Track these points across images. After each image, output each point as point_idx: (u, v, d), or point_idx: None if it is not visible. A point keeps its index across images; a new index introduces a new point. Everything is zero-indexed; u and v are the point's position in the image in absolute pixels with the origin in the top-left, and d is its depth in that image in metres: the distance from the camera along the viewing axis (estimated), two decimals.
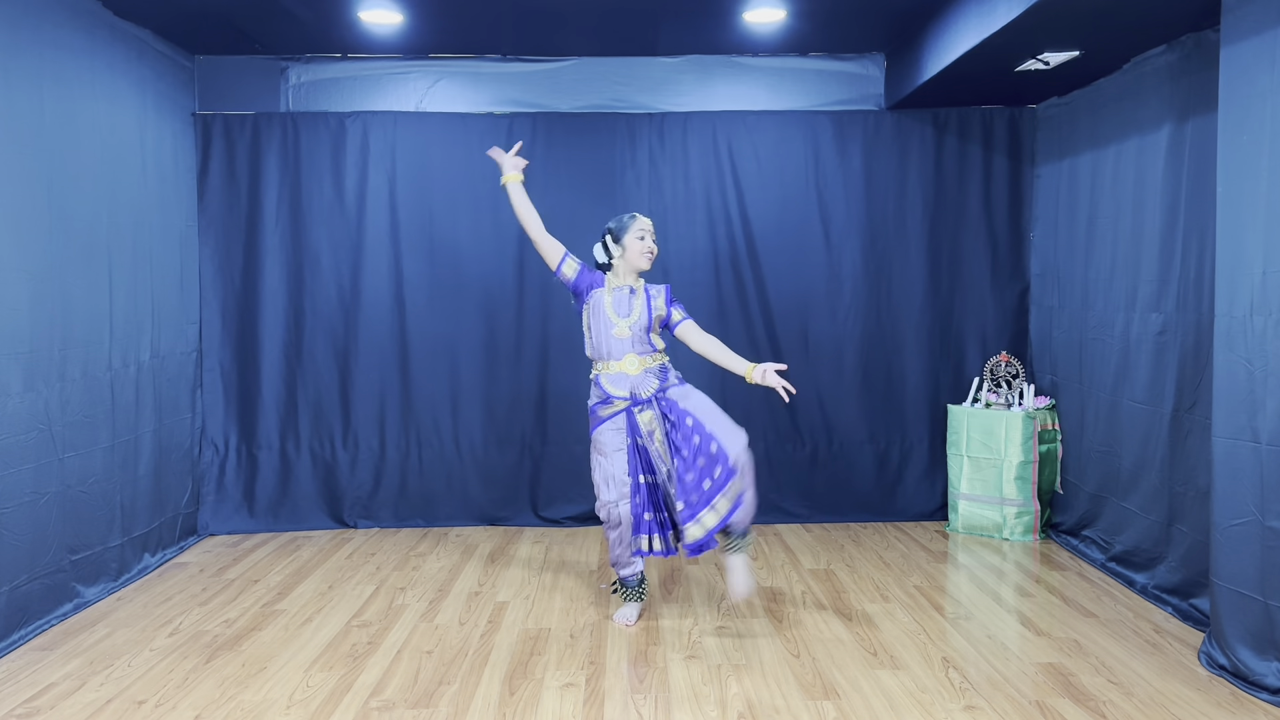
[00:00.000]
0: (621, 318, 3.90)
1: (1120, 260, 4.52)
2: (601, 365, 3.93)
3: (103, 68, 4.36)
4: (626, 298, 3.92)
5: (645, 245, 3.95)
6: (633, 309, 3.91)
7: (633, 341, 3.89)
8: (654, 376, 3.91)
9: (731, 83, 5.47)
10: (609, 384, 3.90)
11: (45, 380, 3.90)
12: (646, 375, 3.90)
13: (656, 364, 3.93)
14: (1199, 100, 3.89)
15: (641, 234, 3.95)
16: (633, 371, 3.88)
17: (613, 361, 3.90)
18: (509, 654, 3.58)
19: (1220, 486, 3.30)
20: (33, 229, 3.84)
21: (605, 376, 3.92)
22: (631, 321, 3.89)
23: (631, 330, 3.88)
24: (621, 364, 3.89)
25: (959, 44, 4.29)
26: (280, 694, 3.23)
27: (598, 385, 3.94)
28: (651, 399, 3.88)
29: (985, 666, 3.44)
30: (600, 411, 3.92)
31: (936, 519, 5.54)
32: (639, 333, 3.89)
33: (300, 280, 5.41)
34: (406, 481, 5.49)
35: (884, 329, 5.53)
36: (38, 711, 3.11)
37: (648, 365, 3.90)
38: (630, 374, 3.88)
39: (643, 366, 3.89)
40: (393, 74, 5.41)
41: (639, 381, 3.88)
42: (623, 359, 3.89)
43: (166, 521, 4.93)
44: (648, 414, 3.87)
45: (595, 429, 3.92)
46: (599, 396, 3.93)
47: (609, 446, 3.88)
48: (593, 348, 3.96)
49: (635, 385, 3.88)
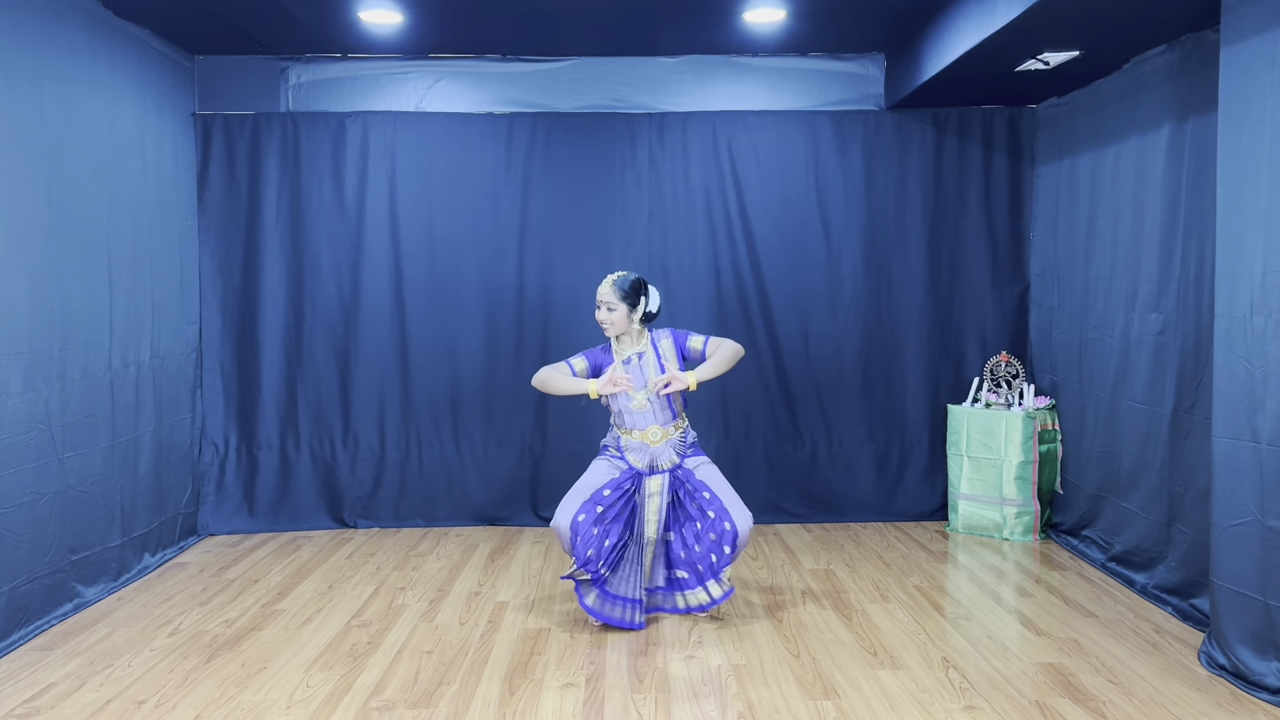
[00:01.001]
0: (638, 390, 3.82)
1: (1120, 260, 4.52)
2: (624, 434, 3.89)
3: (103, 68, 4.36)
4: (637, 365, 3.85)
5: (598, 316, 3.86)
6: (645, 375, 3.84)
7: (654, 412, 3.83)
8: (673, 450, 3.87)
9: (731, 83, 5.47)
10: (630, 452, 3.87)
11: (45, 380, 3.90)
12: (668, 446, 3.86)
13: (678, 432, 3.89)
14: (1199, 100, 3.89)
15: (598, 304, 3.87)
16: (654, 443, 3.85)
17: (635, 430, 3.86)
18: (509, 654, 3.58)
19: (1220, 486, 3.30)
20: (33, 229, 3.84)
21: (627, 442, 3.87)
22: (651, 391, 3.82)
23: (650, 402, 3.82)
24: (645, 434, 3.85)
25: (959, 44, 4.29)
26: (280, 694, 3.23)
27: (616, 446, 3.89)
28: (667, 471, 3.87)
29: (985, 666, 3.44)
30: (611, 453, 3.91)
31: (936, 519, 5.54)
32: (656, 402, 3.83)
33: (300, 280, 5.41)
34: (406, 481, 5.49)
35: (884, 329, 5.52)
36: (38, 711, 3.11)
37: (669, 436, 3.86)
38: (652, 445, 3.84)
39: (665, 437, 3.85)
40: (393, 74, 5.41)
41: (659, 453, 3.86)
42: (646, 429, 3.84)
43: (166, 521, 4.93)
44: (657, 479, 3.86)
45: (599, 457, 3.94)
46: (615, 453, 3.90)
47: (599, 471, 3.87)
48: (616, 417, 3.89)
49: (655, 457, 3.86)
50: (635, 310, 3.84)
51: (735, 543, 3.77)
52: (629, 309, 3.83)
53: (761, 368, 5.51)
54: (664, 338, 3.91)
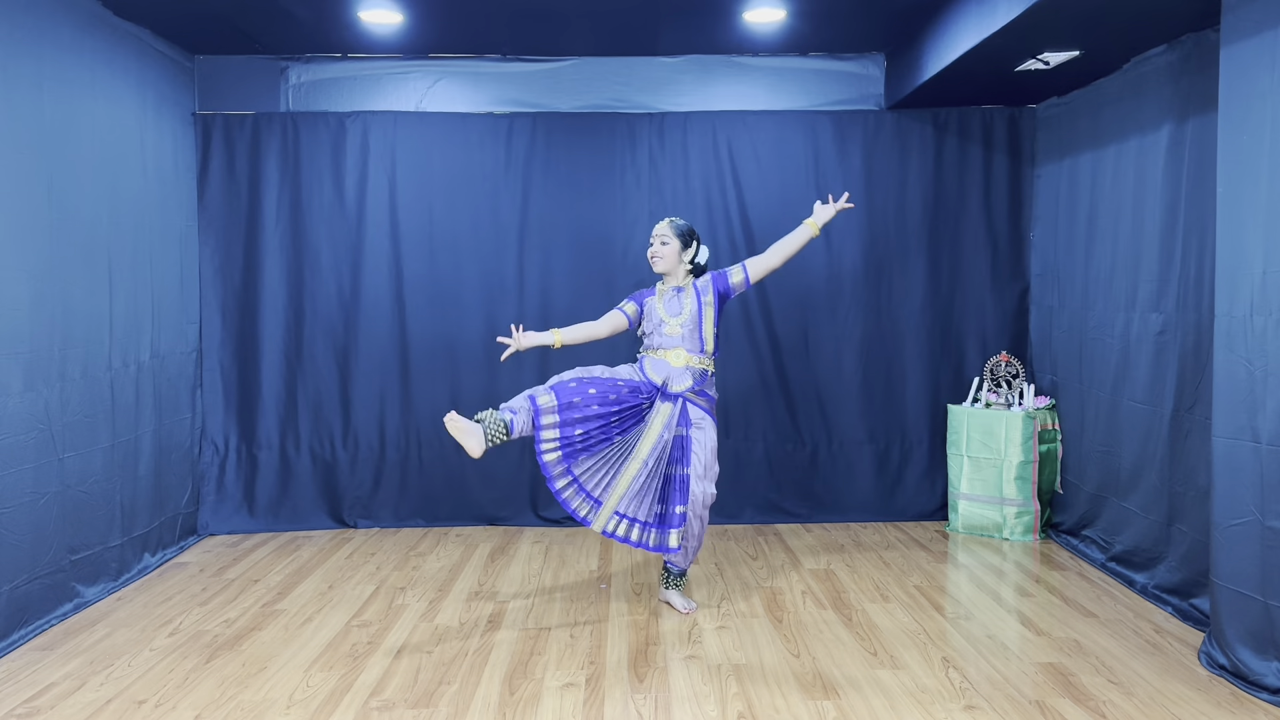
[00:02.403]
0: (672, 316, 3.99)
1: (1120, 260, 4.52)
2: (649, 352, 4.01)
3: (103, 68, 4.36)
4: (675, 297, 4.03)
5: (650, 251, 4.10)
6: (683, 308, 4.00)
7: (683, 338, 3.97)
8: (691, 376, 3.95)
9: (731, 83, 5.47)
10: (649, 367, 3.97)
11: (45, 380, 3.90)
12: (686, 371, 3.95)
13: (700, 366, 3.97)
14: (1199, 100, 3.89)
15: (652, 239, 4.10)
16: (675, 363, 3.95)
17: (662, 350, 3.98)
18: (509, 654, 3.58)
19: (1220, 486, 3.30)
20: (33, 229, 3.84)
21: (648, 360, 3.99)
22: (683, 319, 3.98)
23: (683, 328, 3.97)
24: (669, 354, 3.96)
25: (959, 44, 4.29)
26: (280, 694, 3.23)
27: (639, 367, 3.99)
28: (679, 396, 3.92)
29: (985, 666, 3.44)
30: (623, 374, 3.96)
31: (936, 519, 5.54)
32: (689, 330, 3.96)
33: (300, 280, 5.41)
34: (406, 481, 5.49)
35: (884, 329, 5.52)
36: (38, 711, 3.11)
37: (691, 363, 3.95)
38: (672, 364, 3.95)
39: (686, 363, 3.95)
40: (393, 74, 5.41)
41: (676, 374, 3.94)
42: (671, 350, 3.96)
43: (166, 521, 4.93)
44: (668, 406, 3.91)
45: None
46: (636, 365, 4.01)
47: (607, 370, 3.95)
48: (647, 338, 4.05)
49: (671, 376, 3.94)
50: (686, 251, 4.04)
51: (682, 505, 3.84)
52: (681, 248, 4.04)
53: (761, 368, 5.51)
54: (707, 285, 4.04)
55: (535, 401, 3.78)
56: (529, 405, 3.78)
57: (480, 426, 3.72)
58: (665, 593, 4.12)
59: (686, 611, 4.02)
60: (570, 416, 3.76)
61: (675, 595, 4.09)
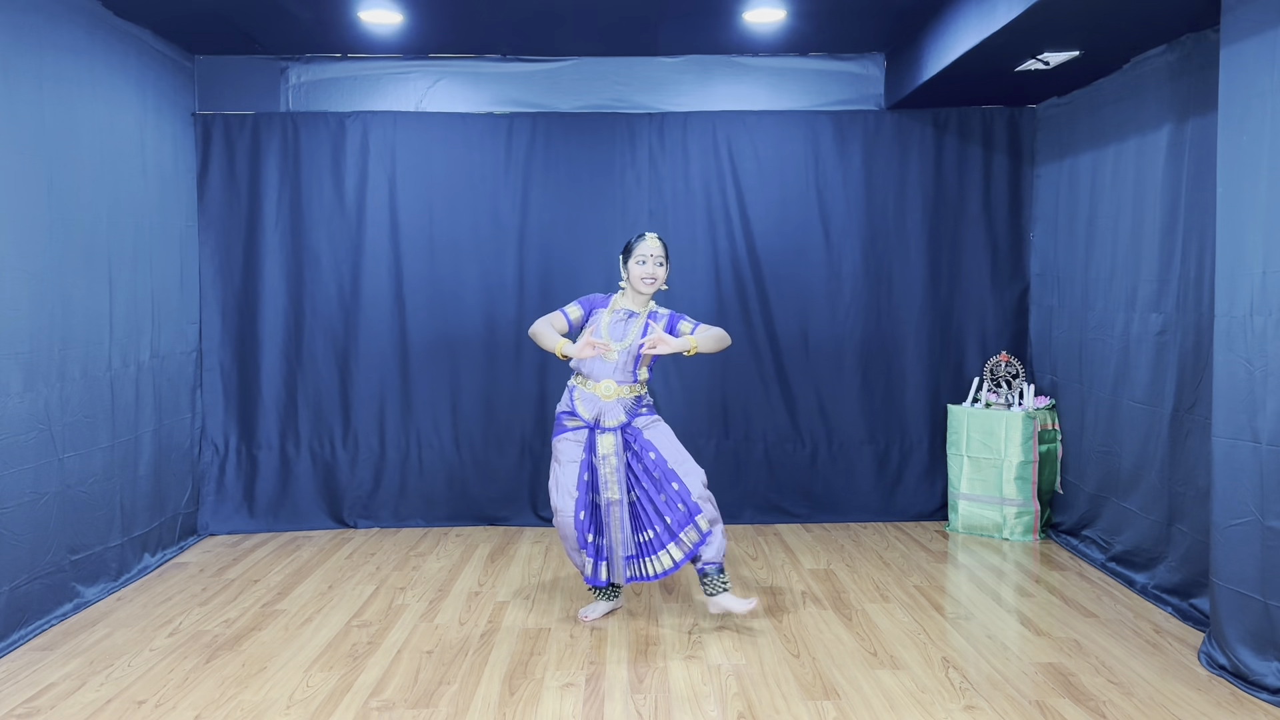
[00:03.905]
0: (615, 340, 3.81)
1: (1120, 260, 4.52)
2: (579, 380, 3.87)
3: (102, 68, 4.36)
4: (624, 321, 3.84)
5: (645, 271, 3.82)
6: (627, 333, 3.82)
7: (615, 369, 3.80)
8: (623, 408, 3.83)
9: (731, 83, 5.47)
10: (580, 401, 3.85)
11: (45, 380, 3.90)
12: (617, 404, 3.82)
13: (632, 395, 3.85)
14: (1199, 100, 3.89)
15: (642, 258, 3.82)
16: (605, 397, 3.81)
17: (590, 381, 3.83)
18: (509, 654, 3.58)
19: (1220, 486, 3.30)
20: (33, 229, 3.84)
21: (580, 393, 3.86)
22: (622, 346, 3.80)
23: (619, 355, 3.79)
24: (598, 387, 3.81)
25: (959, 44, 4.29)
26: (280, 694, 3.23)
27: (569, 396, 3.89)
28: (616, 429, 3.82)
29: (985, 666, 3.44)
30: (565, 422, 3.88)
31: (936, 519, 5.54)
32: (624, 359, 3.80)
33: (300, 280, 5.41)
34: (406, 481, 5.49)
35: (884, 329, 5.52)
36: (38, 711, 3.11)
37: (622, 395, 3.82)
38: (602, 399, 3.81)
39: (616, 395, 3.81)
40: (393, 74, 5.41)
41: (607, 409, 3.81)
42: (600, 382, 3.81)
43: (166, 521, 4.93)
44: (608, 438, 3.81)
45: (557, 436, 3.89)
46: (567, 408, 3.89)
47: (565, 456, 3.85)
48: (577, 363, 3.86)
49: (602, 411, 3.81)
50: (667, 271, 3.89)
51: (689, 499, 3.74)
52: (667, 269, 3.88)
53: (761, 368, 5.51)
54: (661, 317, 3.88)
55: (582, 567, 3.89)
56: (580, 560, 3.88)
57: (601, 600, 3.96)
58: (716, 600, 3.76)
59: (749, 610, 3.73)
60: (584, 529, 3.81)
61: (728, 598, 3.75)
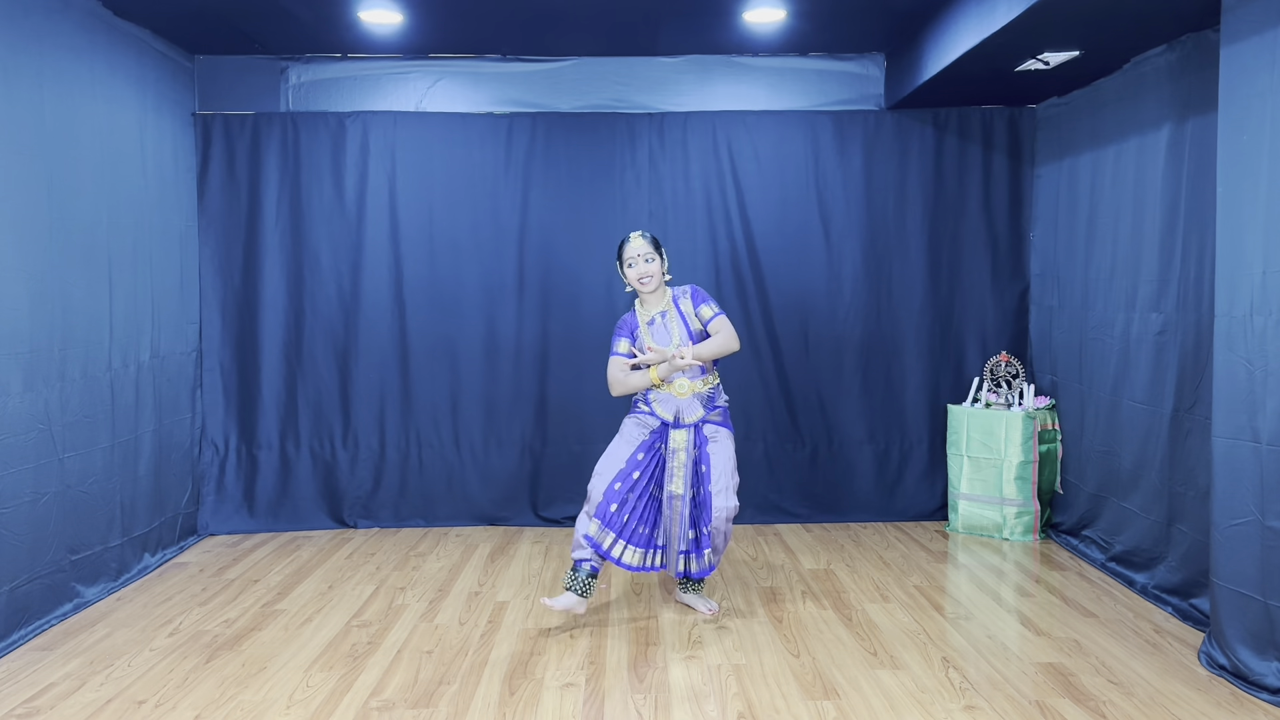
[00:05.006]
0: (663, 345, 3.84)
1: (1120, 260, 4.52)
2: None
3: (103, 68, 4.36)
4: (661, 324, 3.87)
5: (635, 272, 3.83)
6: (671, 333, 3.85)
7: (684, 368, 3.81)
8: (700, 403, 3.86)
9: (731, 83, 5.47)
10: (657, 404, 3.88)
11: (45, 380, 3.90)
12: (694, 400, 3.85)
13: (707, 389, 3.87)
14: (1199, 100, 3.89)
15: (631, 261, 3.84)
16: (681, 395, 3.84)
17: (665, 384, 3.86)
18: (509, 654, 3.58)
19: (1220, 486, 3.30)
20: (33, 229, 3.84)
21: (655, 394, 3.88)
22: (675, 346, 3.82)
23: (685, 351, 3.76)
24: (672, 387, 3.85)
25: (959, 44, 4.29)
26: (280, 694, 3.23)
27: (645, 399, 3.91)
28: (691, 426, 3.86)
29: (985, 666, 3.44)
30: (639, 407, 3.93)
31: (936, 519, 5.54)
32: None
33: (300, 280, 5.41)
34: (406, 481, 5.49)
35: (884, 329, 5.53)
36: (38, 711, 3.11)
37: (697, 390, 3.85)
38: (679, 398, 3.84)
39: (692, 390, 3.85)
40: (393, 74, 5.41)
41: (685, 406, 3.85)
42: (674, 382, 3.85)
43: (166, 521, 4.93)
44: (682, 434, 3.85)
45: (628, 415, 3.95)
46: (644, 407, 3.92)
47: (628, 433, 3.89)
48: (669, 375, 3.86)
49: (681, 409, 3.85)
50: (664, 262, 3.88)
51: (708, 525, 3.82)
52: (661, 260, 3.86)
53: (761, 368, 5.51)
54: (683, 296, 3.90)
55: (591, 540, 3.78)
56: (587, 544, 3.78)
57: (570, 593, 3.77)
58: (684, 595, 4.08)
59: (710, 613, 3.98)
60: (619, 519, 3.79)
61: (694, 598, 4.04)
